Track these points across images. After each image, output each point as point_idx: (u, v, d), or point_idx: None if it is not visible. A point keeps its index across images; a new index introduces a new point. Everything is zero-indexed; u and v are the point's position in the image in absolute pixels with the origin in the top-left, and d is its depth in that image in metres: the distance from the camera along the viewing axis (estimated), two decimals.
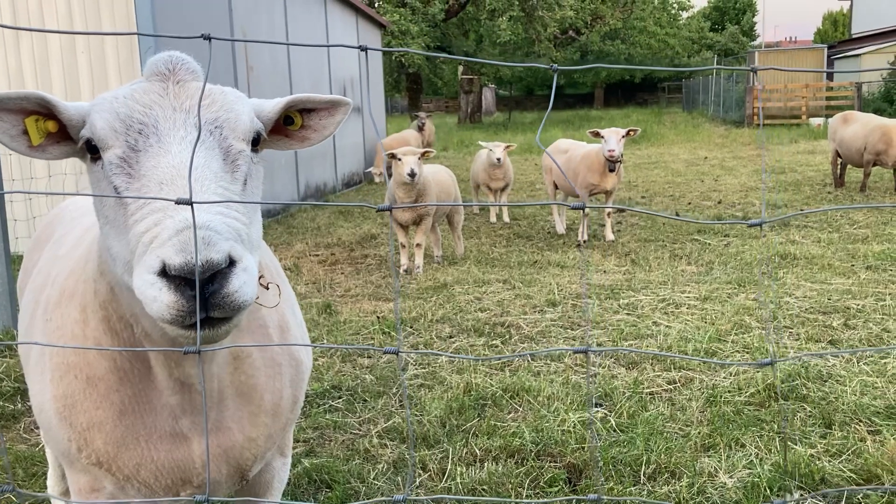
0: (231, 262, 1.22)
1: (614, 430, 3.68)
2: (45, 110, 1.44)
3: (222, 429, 1.78)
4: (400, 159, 6.92)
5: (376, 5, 21.20)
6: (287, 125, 1.69)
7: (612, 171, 8.44)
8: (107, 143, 1.38)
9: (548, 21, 24.44)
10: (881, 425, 3.65)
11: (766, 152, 17.32)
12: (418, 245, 7.39)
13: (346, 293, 6.70)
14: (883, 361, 4.49)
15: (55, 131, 1.46)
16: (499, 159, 9.80)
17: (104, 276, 1.62)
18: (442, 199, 7.56)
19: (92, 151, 1.42)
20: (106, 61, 8.39)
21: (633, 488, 3.09)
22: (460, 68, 33.41)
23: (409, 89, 25.37)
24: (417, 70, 22.74)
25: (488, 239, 9.15)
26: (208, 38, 1.24)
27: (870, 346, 4.80)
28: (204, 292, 1.20)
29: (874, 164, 11.32)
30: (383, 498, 1.87)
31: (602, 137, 8.29)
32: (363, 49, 1.38)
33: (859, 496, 3.03)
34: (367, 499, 3.15)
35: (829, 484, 3.13)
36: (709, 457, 3.40)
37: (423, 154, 7.13)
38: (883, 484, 3.08)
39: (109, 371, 1.69)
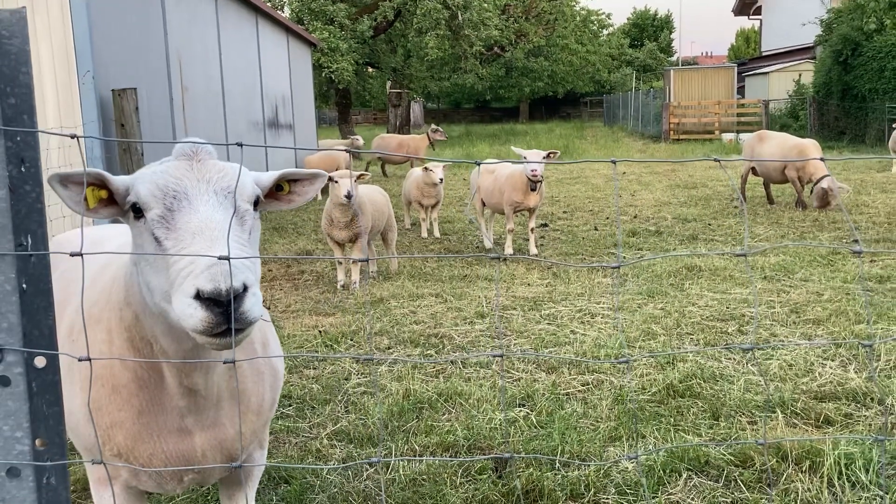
0: (245, 289, 1.70)
1: (534, 427, 4.23)
2: (99, 182, 1.89)
3: (218, 425, 2.23)
4: (336, 182, 7.34)
5: (305, 23, 21.50)
6: (278, 191, 2.17)
7: (533, 189, 9.08)
8: (149, 205, 1.83)
9: (473, 39, 25.18)
10: (759, 416, 4.29)
11: (680, 168, 18.31)
12: (354, 262, 7.83)
13: (287, 309, 7.09)
14: (767, 362, 5.16)
15: (106, 198, 1.92)
16: (441, 179, 10.60)
17: (130, 305, 2.08)
18: (376, 218, 8.03)
19: (136, 212, 1.88)
20: (44, 87, 8.57)
21: (549, 473, 3.63)
22: (388, 82, 33.90)
23: (339, 103, 25.69)
24: (346, 86, 23.11)
25: (421, 254, 9.65)
26: (239, 144, 1.67)
27: (766, 349, 5.47)
28: (227, 310, 1.67)
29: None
30: (363, 460, 2.32)
31: (524, 157, 8.89)
32: (239, 145, 1.87)
33: (735, 475, 3.63)
34: (323, 492, 3.60)
35: (713, 466, 3.73)
36: (615, 446, 3.97)
37: (358, 176, 7.59)
38: (755, 465, 3.70)
39: (131, 380, 2.15)
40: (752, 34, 61.57)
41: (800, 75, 31.81)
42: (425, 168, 10.61)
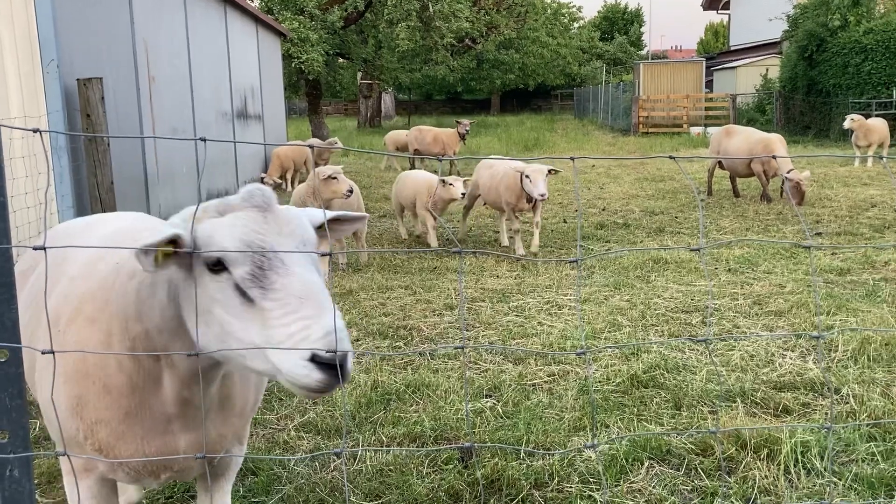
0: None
1: (501, 417, 4.28)
2: (171, 240, 1.89)
3: (201, 428, 2.26)
4: (336, 178, 7.37)
5: (275, 13, 21.33)
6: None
7: (530, 202, 8.69)
8: (237, 263, 1.83)
9: (444, 31, 25.16)
10: (720, 406, 4.39)
11: (649, 161, 18.47)
12: (322, 255, 7.81)
13: None
14: (730, 353, 5.27)
15: (171, 254, 1.90)
16: (463, 194, 9.10)
17: (142, 322, 2.08)
18: (346, 210, 8.03)
19: (213, 266, 1.86)
20: (7, 76, 8.44)
21: (514, 463, 3.68)
22: (359, 73, 33.75)
23: (309, 94, 25.53)
24: (317, 77, 22.97)
25: (391, 246, 9.67)
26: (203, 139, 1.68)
27: (721, 341, 5.58)
28: (336, 371, 1.76)
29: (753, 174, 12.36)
30: (329, 451, 2.35)
31: (528, 177, 8.36)
32: (203, 140, 1.88)
33: (696, 463, 3.72)
34: (290, 483, 3.62)
35: (674, 455, 3.81)
36: (578, 436, 4.03)
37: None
38: (714, 454, 3.78)
39: (124, 384, 2.14)
40: (721, 28, 62.18)
41: (767, 70, 32.22)
42: (443, 181, 9.12)
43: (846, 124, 16.53)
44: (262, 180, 15.33)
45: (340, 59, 28.27)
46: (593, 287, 7.23)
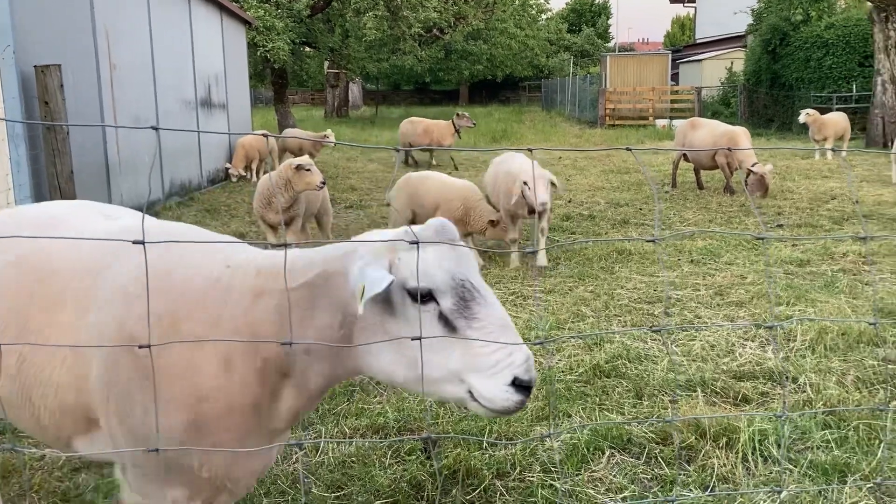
0: None
1: (463, 407, 4.28)
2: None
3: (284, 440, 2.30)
4: (309, 170, 7.30)
5: (240, 0, 21.07)
6: None
7: (532, 213, 7.77)
8: (445, 294, 1.93)
9: (412, 21, 25.05)
10: (680, 395, 4.44)
11: (614, 153, 18.59)
12: (288, 246, 7.76)
13: None
14: (690, 343, 5.33)
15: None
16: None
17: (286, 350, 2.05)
18: (311, 201, 7.98)
19: (422, 297, 1.94)
20: None
21: (476, 453, 3.70)
22: (326, 63, 33.50)
23: (275, 83, 25.27)
24: (283, 65, 22.74)
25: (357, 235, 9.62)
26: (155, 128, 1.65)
27: (683, 331, 5.64)
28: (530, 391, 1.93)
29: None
30: (291, 443, 2.34)
31: (526, 185, 7.43)
32: (155, 129, 1.85)
33: (656, 452, 3.76)
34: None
35: (635, 444, 3.85)
36: (541, 426, 4.06)
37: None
38: (673, 442, 3.83)
39: (248, 404, 2.09)
40: (688, 22, 62.79)
41: (731, 63, 32.59)
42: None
43: (801, 119, 16.78)
44: (226, 170, 15.16)
45: (307, 48, 27.97)
46: (558, 278, 7.26)
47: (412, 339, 1.91)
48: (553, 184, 7.69)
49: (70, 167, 7.99)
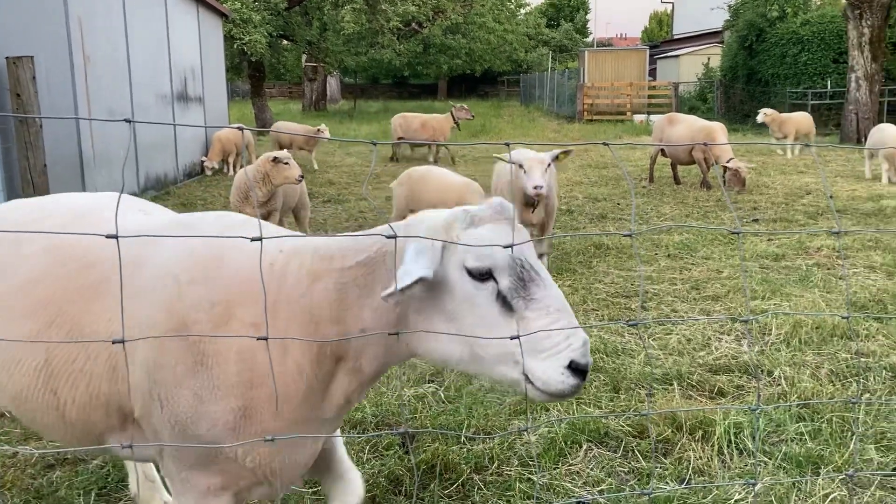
0: None
1: (442, 402, 4.29)
2: None
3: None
4: (287, 163, 7.25)
5: None
6: None
7: (530, 205, 6.80)
8: (504, 273, 1.92)
9: (390, 14, 24.96)
10: (657, 389, 4.47)
11: (593, 148, 18.66)
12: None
13: None
14: (667, 337, 5.37)
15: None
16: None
17: (343, 324, 2.04)
18: (289, 195, 7.93)
19: (481, 275, 1.92)
20: None
21: (455, 447, 3.70)
22: (304, 56, 33.30)
23: (252, 76, 25.07)
24: (260, 58, 22.58)
25: (335, 232, 9.59)
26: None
27: (659, 325, 5.68)
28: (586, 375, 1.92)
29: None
30: (265, 438, 2.32)
31: (522, 168, 6.53)
32: (128, 121, 1.83)
33: (633, 445, 3.78)
34: None
35: (612, 437, 3.87)
36: (519, 419, 4.07)
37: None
38: (649, 436, 3.86)
39: (301, 391, 2.06)
40: (665, 17, 63.05)
41: (708, 59, 32.80)
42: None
43: (759, 118, 16.84)
44: (202, 164, 15.04)
45: (284, 41, 27.79)
46: None
47: (511, 338, 1.90)
48: (560, 155, 6.88)
49: (43, 161, 7.88)
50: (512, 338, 1.93)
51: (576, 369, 1.88)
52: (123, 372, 2.12)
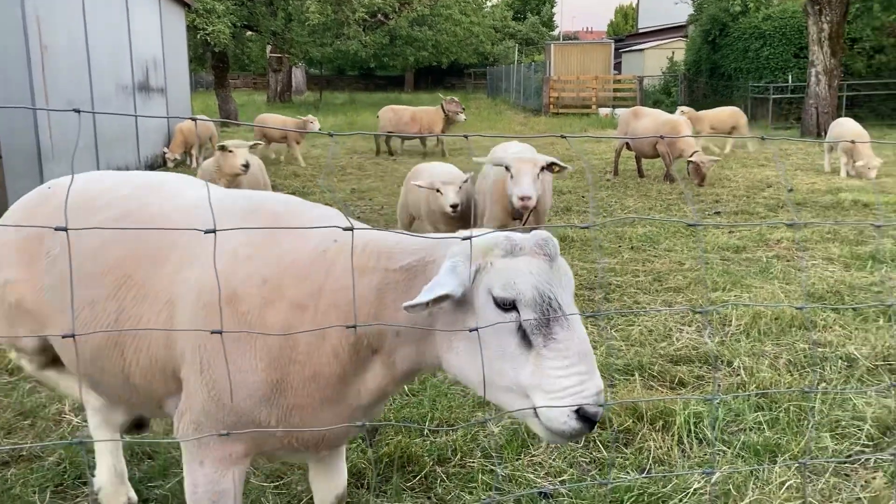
0: None
1: (406, 395, 4.29)
2: None
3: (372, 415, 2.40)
4: (231, 151, 7.14)
5: None
6: None
7: (517, 219, 5.82)
8: (528, 307, 1.92)
9: (356, 5, 24.79)
10: (618, 379, 4.51)
11: (558, 141, 18.74)
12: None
13: None
14: (629, 328, 5.42)
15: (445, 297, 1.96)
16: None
17: (381, 320, 2.10)
18: (252, 187, 7.85)
19: (505, 305, 1.93)
20: None
21: (418, 440, 3.70)
22: (268, 47, 32.96)
23: (215, 67, 24.76)
24: (224, 49, 22.30)
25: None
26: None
27: (622, 316, 5.73)
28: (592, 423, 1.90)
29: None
30: (227, 432, 2.30)
31: (509, 172, 5.53)
32: (77, 111, 1.80)
33: (594, 435, 3.82)
34: None
35: None
36: (483, 411, 4.08)
37: (252, 145, 7.43)
38: (613, 426, 3.89)
39: (335, 373, 2.14)
40: (630, 11, 63.50)
41: (673, 53, 33.13)
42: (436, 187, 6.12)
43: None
44: (164, 155, 14.84)
45: (249, 32, 27.49)
46: None
47: (470, 330, 1.94)
48: (554, 167, 5.71)
49: None
50: (471, 330, 1.95)
51: (584, 417, 1.88)
52: (176, 334, 2.23)
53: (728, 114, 16.42)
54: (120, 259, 2.37)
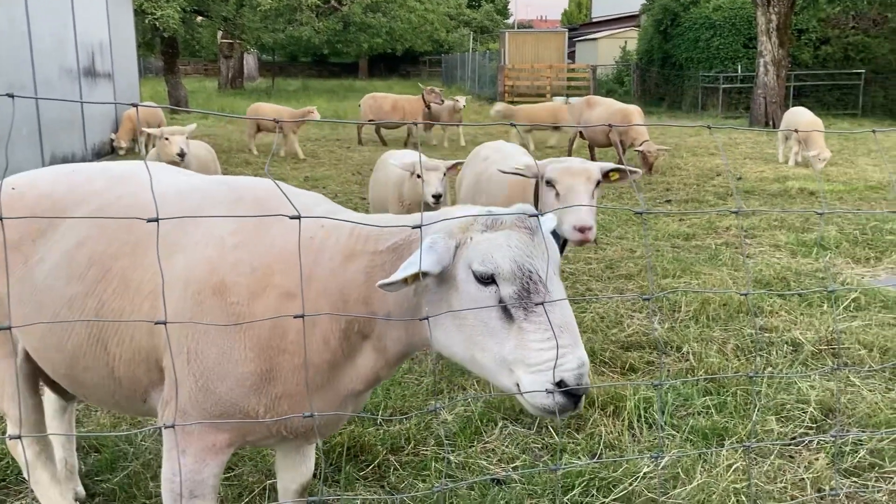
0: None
1: None
2: None
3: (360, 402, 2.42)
4: (168, 139, 7.00)
5: None
6: None
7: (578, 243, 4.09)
8: (507, 281, 1.91)
9: None
10: None
11: (510, 129, 18.79)
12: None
13: None
14: (582, 315, 5.46)
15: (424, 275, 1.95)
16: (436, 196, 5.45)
17: (369, 305, 2.10)
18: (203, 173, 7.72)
19: (485, 279, 1.92)
20: None
21: (371, 429, 3.69)
22: (219, 32, 32.37)
23: (165, 52, 24.21)
24: (173, 34, 21.83)
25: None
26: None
27: (574, 304, 5.77)
28: (577, 398, 1.88)
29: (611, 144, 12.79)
30: (179, 424, 2.25)
31: (552, 188, 3.98)
32: (10, 96, 1.75)
33: (546, 422, 3.85)
34: (136, 459, 3.47)
35: (526, 414, 3.92)
36: (437, 399, 4.08)
37: (188, 134, 7.29)
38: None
39: (326, 361, 2.14)
40: (584, 0, 63.80)
41: (626, 42, 33.44)
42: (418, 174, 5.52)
43: (492, 112, 16.50)
44: (111, 142, 14.50)
45: (199, 17, 26.93)
46: None
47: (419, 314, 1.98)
48: (612, 174, 4.25)
49: None
50: (422, 318, 1.93)
51: (569, 391, 1.85)
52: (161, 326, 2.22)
53: (544, 108, 16.09)
54: (98, 254, 2.32)
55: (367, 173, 12.55)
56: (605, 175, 4.17)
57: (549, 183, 4.02)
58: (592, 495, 3.19)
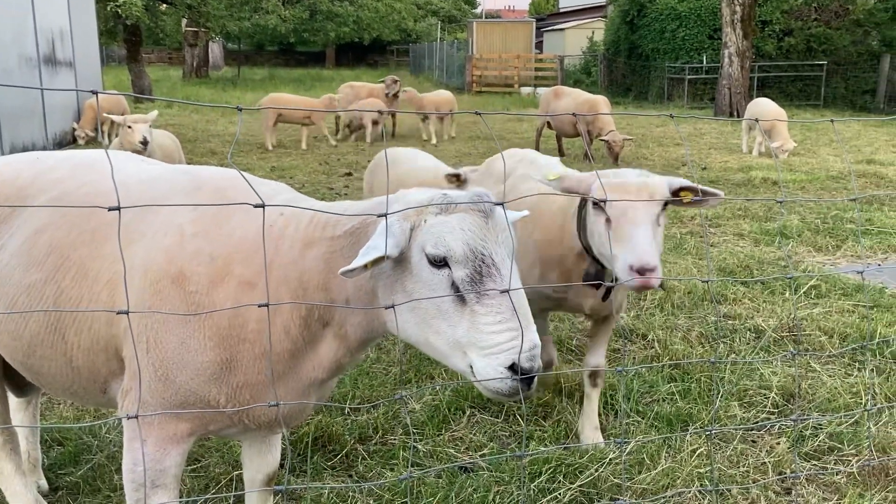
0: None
1: None
2: None
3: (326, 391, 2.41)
4: (130, 127, 6.91)
5: None
6: None
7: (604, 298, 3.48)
8: (459, 264, 1.92)
9: None
10: None
11: (482, 120, 18.78)
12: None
13: None
14: None
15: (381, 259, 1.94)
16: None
17: (329, 292, 2.11)
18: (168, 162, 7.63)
19: (437, 262, 1.93)
20: None
21: (339, 419, 3.68)
22: (184, 20, 31.92)
23: (128, 40, 23.81)
24: (136, 22, 21.48)
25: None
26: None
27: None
28: (530, 381, 1.89)
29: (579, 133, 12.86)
30: (145, 414, 2.23)
31: (599, 209, 3.01)
32: None
33: (514, 409, 3.88)
34: (101, 451, 3.43)
35: (494, 402, 3.94)
36: (405, 388, 4.09)
37: (150, 122, 7.20)
38: (533, 400, 3.96)
39: (286, 350, 2.13)
40: None
41: (593, 33, 33.58)
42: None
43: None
44: (73, 132, 14.25)
45: (163, 5, 26.53)
46: None
47: (385, 307, 1.98)
48: (684, 192, 3.14)
49: None
50: (386, 307, 1.95)
51: (522, 374, 1.86)
52: (120, 315, 2.18)
53: (443, 95, 16.21)
54: (57, 241, 2.30)
55: (334, 163, 12.49)
56: (675, 193, 3.09)
57: (597, 204, 3.00)
58: (559, 481, 3.23)
